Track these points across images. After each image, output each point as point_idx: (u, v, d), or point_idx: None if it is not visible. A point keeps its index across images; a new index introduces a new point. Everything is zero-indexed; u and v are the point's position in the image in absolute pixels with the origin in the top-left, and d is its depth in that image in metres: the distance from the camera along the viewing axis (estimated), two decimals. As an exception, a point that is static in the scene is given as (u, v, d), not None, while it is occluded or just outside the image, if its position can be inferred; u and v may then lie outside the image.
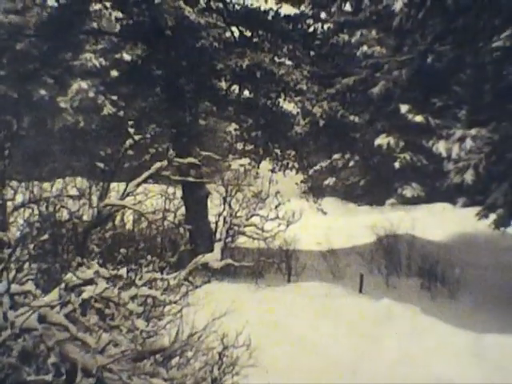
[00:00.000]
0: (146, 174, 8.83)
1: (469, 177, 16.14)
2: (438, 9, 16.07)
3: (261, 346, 7.75)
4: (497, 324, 13.43)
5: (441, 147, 27.27)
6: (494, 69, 16.20)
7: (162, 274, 6.78)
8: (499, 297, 15.97)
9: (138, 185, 8.84)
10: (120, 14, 18.56)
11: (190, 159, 10.70)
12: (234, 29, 18.98)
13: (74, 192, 10.84)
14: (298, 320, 11.75)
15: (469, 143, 16.62)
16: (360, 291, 15.34)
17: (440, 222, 23.77)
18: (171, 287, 6.81)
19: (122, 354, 5.31)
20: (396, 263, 17.74)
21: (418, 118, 30.29)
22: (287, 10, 20.00)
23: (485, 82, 16.79)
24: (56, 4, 18.13)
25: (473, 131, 16.79)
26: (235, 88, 19.77)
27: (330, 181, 37.01)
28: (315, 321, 11.79)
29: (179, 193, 17.49)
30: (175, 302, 6.81)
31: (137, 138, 8.90)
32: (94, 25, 19.89)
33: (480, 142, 16.50)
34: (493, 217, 17.25)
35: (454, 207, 27.18)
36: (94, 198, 9.19)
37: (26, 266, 5.87)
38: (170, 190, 16.64)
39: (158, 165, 8.90)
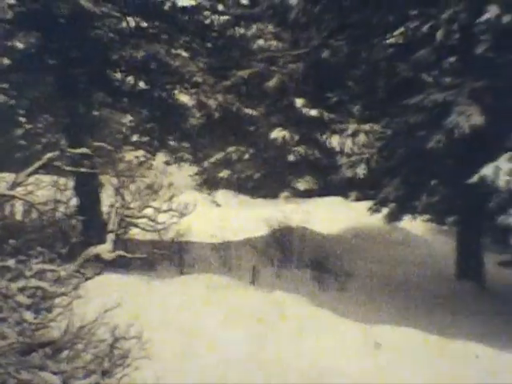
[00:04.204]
0: (37, 164, 8.67)
1: (361, 171, 16.52)
2: (334, 4, 16.36)
3: (152, 338, 7.74)
4: (386, 315, 13.79)
5: (334, 141, 27.82)
6: (387, 65, 16.57)
7: (52, 265, 6.68)
8: (389, 289, 16.37)
9: (29, 175, 8.67)
10: (13, 1, 18.13)
11: (83, 150, 10.53)
12: (129, 19, 18.79)
13: (-39, 182, 10.59)
14: (190, 312, 11.75)
15: (362, 138, 17.00)
16: (252, 283, 15.43)
17: (332, 216, 24.12)
18: (62, 279, 6.72)
19: (10, 347, 5.24)
20: (288, 255, 17.94)
21: (313, 112, 30.67)
22: (184, 1, 19.96)
23: (378, 77, 17.15)
24: None
25: (366, 126, 17.20)
26: (130, 79, 19.64)
27: (225, 173, 36.94)
28: (207, 312, 11.81)
29: (71, 183, 17.26)
30: (65, 294, 6.72)
31: (28, 127, 8.77)
32: (-15, 11, 19.40)
33: (373, 137, 16.91)
34: (385, 211, 17.65)
35: (346, 201, 27.77)
36: (-17, 188, 8.99)
37: None
38: (62, 180, 16.36)
39: (49, 155, 8.76)
